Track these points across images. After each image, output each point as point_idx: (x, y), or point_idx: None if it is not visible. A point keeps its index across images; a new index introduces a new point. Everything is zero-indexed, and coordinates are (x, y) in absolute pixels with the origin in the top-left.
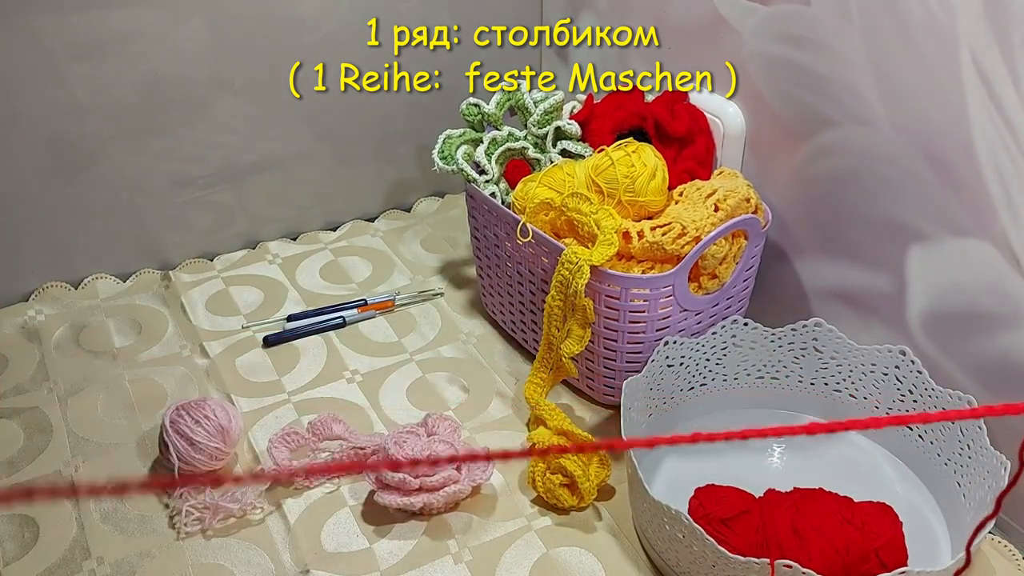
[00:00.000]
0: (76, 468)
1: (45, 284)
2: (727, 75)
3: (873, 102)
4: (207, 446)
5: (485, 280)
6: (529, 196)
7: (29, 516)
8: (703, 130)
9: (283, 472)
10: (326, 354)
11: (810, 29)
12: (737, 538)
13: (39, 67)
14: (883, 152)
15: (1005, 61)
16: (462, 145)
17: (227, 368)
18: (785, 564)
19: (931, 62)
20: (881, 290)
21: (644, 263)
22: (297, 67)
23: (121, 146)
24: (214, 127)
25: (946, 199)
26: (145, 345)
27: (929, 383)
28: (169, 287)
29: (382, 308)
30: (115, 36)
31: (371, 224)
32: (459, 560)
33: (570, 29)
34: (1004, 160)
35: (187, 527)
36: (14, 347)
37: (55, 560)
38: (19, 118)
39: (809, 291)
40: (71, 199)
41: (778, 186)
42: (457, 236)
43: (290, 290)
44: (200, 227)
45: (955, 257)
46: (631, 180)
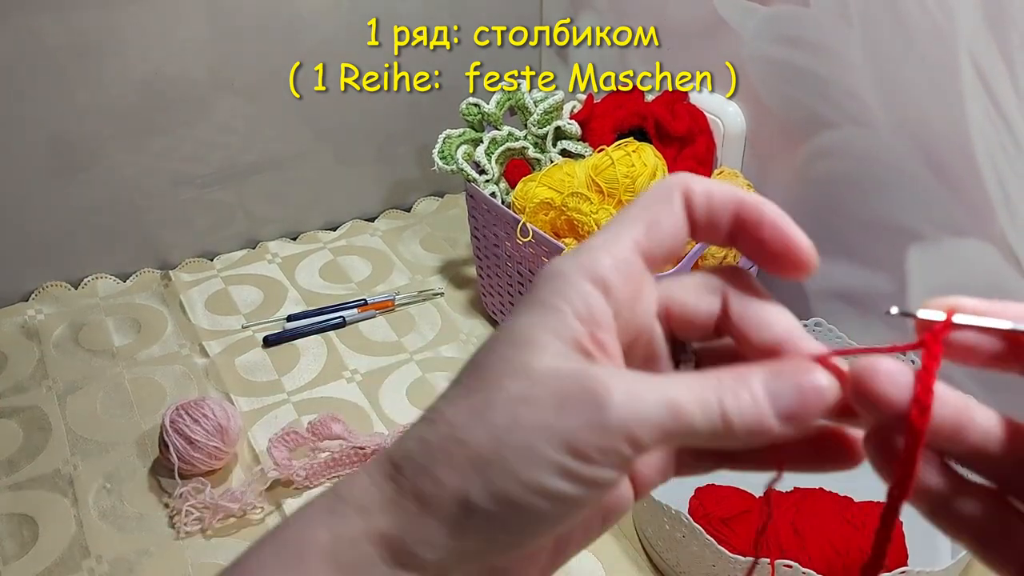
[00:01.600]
0: (75, 467)
1: (45, 284)
2: (727, 75)
3: (872, 103)
4: (206, 445)
5: (485, 280)
6: (529, 196)
7: (28, 515)
8: (703, 130)
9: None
10: (326, 354)
11: (810, 30)
12: (737, 538)
13: (39, 67)
14: (882, 153)
15: (1004, 62)
16: (462, 145)
17: (227, 368)
18: (785, 564)
19: (930, 64)
20: (881, 290)
21: None
22: (297, 67)
23: (121, 146)
24: (214, 127)
25: (945, 200)
26: (144, 344)
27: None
28: (169, 287)
29: (382, 308)
30: (115, 36)
31: (371, 224)
32: None
33: (570, 29)
34: (1003, 161)
35: (187, 527)
36: (14, 346)
37: (54, 559)
38: (19, 118)
39: (809, 291)
40: (71, 199)
41: (778, 186)
42: (457, 236)
43: (290, 290)
44: (200, 227)
45: (954, 257)
46: (631, 180)
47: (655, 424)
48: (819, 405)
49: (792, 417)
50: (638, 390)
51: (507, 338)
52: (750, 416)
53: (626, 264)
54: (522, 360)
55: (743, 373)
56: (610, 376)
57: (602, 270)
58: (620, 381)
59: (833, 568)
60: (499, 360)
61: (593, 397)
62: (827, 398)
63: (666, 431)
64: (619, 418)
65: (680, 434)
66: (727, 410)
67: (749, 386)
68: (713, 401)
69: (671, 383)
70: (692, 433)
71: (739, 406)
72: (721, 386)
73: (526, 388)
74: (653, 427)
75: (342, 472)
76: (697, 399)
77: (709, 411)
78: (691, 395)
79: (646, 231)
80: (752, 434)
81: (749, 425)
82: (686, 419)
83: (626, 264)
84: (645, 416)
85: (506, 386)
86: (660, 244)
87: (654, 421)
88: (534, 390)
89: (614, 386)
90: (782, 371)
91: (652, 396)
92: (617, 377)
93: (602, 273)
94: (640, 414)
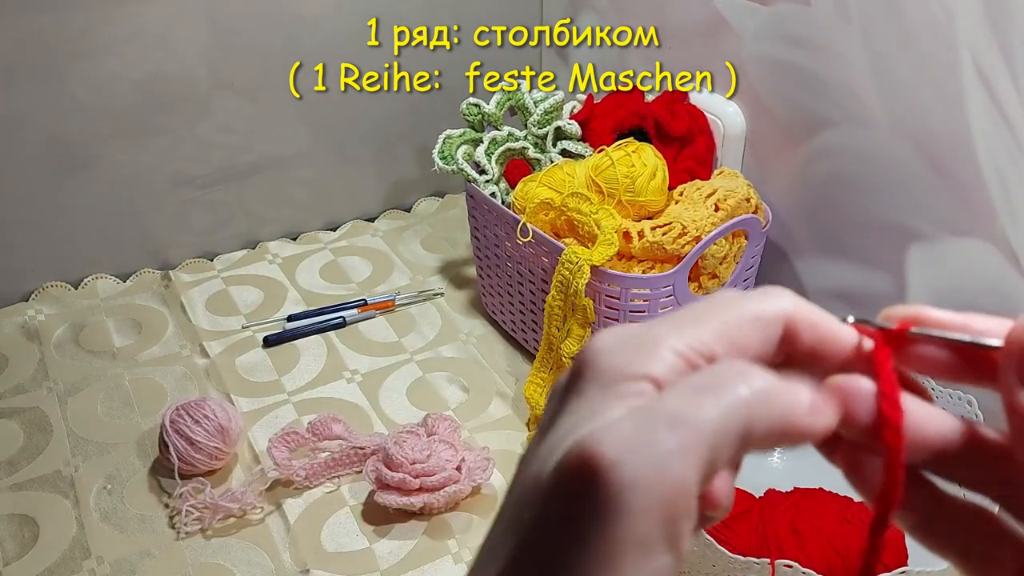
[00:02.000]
0: (76, 468)
1: (45, 284)
2: (727, 75)
3: (873, 103)
4: (207, 446)
5: (485, 280)
6: (529, 196)
7: (29, 515)
8: (703, 130)
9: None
10: (326, 354)
11: (810, 30)
12: (737, 538)
13: (39, 66)
14: (883, 152)
15: (1005, 62)
16: (462, 145)
17: (227, 368)
18: (785, 564)
19: (931, 63)
20: (881, 290)
21: (644, 263)
22: (297, 67)
23: (121, 146)
24: (214, 127)
25: (946, 199)
26: (145, 345)
27: (929, 383)
28: (169, 287)
29: (382, 308)
30: (115, 36)
31: (371, 224)
32: (459, 560)
33: (570, 29)
34: (1004, 160)
35: (187, 527)
36: (14, 347)
37: (55, 559)
38: (19, 118)
39: (809, 291)
40: (71, 199)
41: (778, 186)
42: (457, 236)
43: (290, 290)
44: (200, 227)
45: (955, 257)
46: (631, 180)
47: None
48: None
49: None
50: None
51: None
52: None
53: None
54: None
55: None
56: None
57: (660, 371)
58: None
59: (833, 568)
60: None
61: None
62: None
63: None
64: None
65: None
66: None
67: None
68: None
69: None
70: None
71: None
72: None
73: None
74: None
75: (342, 472)
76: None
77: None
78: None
79: (730, 343)
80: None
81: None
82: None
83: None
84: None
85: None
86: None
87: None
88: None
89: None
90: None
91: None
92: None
93: (659, 374)
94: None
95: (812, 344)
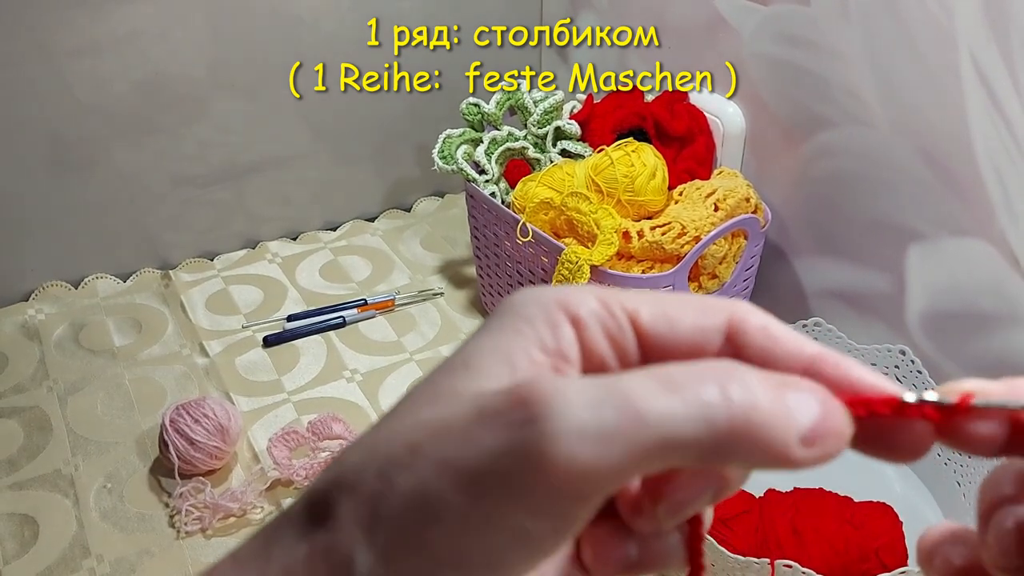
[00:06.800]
0: (76, 467)
1: (45, 284)
2: (727, 75)
3: (872, 102)
4: (206, 445)
5: (485, 280)
6: (529, 196)
7: (29, 515)
8: (703, 130)
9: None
10: (326, 354)
11: (810, 29)
12: (737, 538)
13: (39, 66)
14: (882, 152)
15: (1004, 62)
16: (462, 145)
17: (227, 367)
18: (785, 564)
19: (930, 63)
20: (880, 290)
21: (644, 263)
22: (297, 67)
23: (121, 145)
24: (214, 127)
25: (945, 199)
26: (145, 344)
27: (929, 383)
28: (169, 286)
29: (382, 308)
30: (115, 35)
31: (371, 224)
32: None
33: (570, 29)
34: (1003, 160)
35: (187, 526)
36: (14, 346)
37: (55, 558)
38: (19, 117)
39: (809, 291)
40: (71, 199)
41: (778, 186)
42: (457, 236)
43: (290, 290)
44: (200, 227)
45: (954, 257)
46: (631, 180)
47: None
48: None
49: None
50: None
51: (448, 362)
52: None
53: (616, 325)
54: (451, 384)
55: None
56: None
57: (583, 312)
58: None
59: (833, 568)
60: (427, 384)
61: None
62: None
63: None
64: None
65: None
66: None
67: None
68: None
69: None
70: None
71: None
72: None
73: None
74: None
75: None
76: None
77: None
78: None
79: (663, 312)
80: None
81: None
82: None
83: (616, 325)
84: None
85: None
86: (673, 330)
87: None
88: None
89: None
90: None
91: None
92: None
93: (582, 314)
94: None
95: (761, 346)
